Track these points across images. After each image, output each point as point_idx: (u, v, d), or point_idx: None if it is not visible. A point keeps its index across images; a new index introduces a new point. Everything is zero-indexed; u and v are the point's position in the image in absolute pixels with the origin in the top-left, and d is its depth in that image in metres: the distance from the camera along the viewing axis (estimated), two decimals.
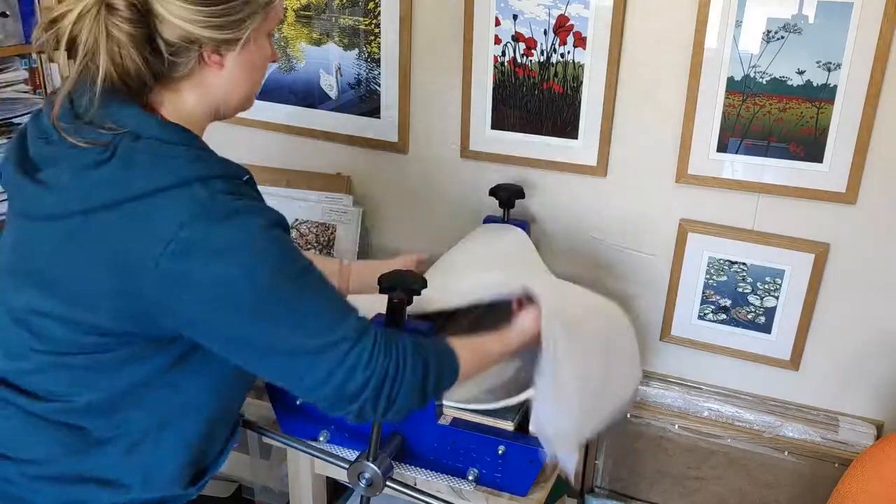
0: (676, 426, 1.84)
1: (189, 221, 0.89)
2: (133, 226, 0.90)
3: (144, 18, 0.92)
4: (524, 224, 1.78)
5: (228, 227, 0.91)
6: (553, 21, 1.70)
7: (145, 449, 1.05)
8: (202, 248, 0.89)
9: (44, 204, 0.94)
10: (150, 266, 0.89)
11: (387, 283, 1.27)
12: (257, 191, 1.04)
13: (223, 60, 0.99)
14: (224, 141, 2.13)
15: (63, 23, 0.91)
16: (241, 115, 2.12)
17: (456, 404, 1.36)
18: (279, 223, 0.97)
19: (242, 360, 0.98)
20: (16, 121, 1.99)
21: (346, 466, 1.30)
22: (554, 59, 1.73)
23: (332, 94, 1.98)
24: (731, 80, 1.61)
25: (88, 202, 0.92)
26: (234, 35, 0.96)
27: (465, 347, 1.12)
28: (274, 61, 1.11)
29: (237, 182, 0.98)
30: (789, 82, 1.57)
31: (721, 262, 1.75)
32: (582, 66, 1.71)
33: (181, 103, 1.01)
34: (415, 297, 1.24)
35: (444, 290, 1.37)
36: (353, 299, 1.03)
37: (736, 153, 1.65)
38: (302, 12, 1.94)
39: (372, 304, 1.22)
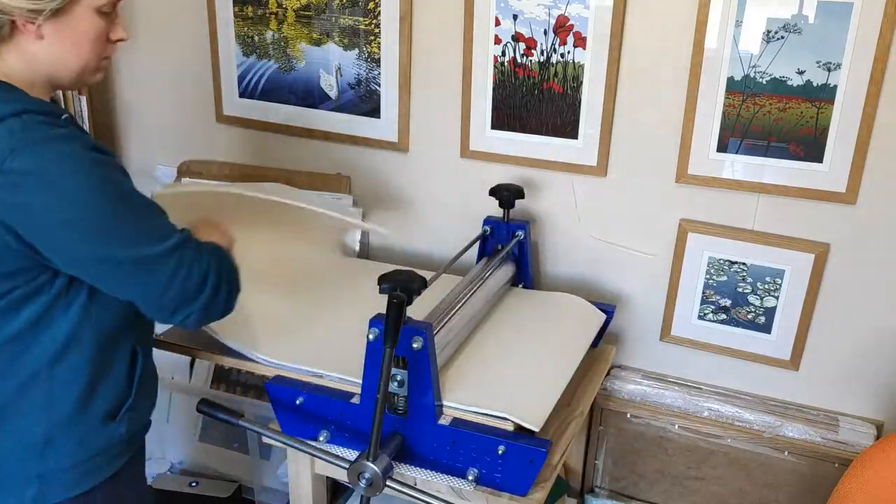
0: (676, 426, 1.84)
1: (10, 154, 0.97)
2: None
3: None
4: (524, 224, 1.78)
5: (50, 152, 0.99)
6: (553, 21, 1.70)
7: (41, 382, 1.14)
8: (31, 176, 0.97)
9: None
10: None
11: (387, 283, 1.27)
12: (78, 126, 1.10)
13: (40, 30, 1.03)
14: (224, 141, 2.14)
15: None
16: (241, 115, 2.14)
17: (456, 405, 1.36)
18: (98, 147, 1.05)
19: (96, 278, 1.08)
20: None
21: (346, 466, 1.30)
22: (554, 59, 1.73)
23: (332, 94, 1.98)
24: (731, 80, 1.61)
25: None
26: (42, 5, 1.00)
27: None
28: (119, 40, 1.14)
29: (54, 117, 1.04)
30: (789, 82, 1.57)
31: (721, 262, 1.75)
32: (582, 66, 1.71)
33: (4, 66, 1.06)
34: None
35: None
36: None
37: (736, 153, 1.65)
38: (302, 12, 1.94)
39: None
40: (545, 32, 1.72)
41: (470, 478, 1.33)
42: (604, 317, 1.73)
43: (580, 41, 1.70)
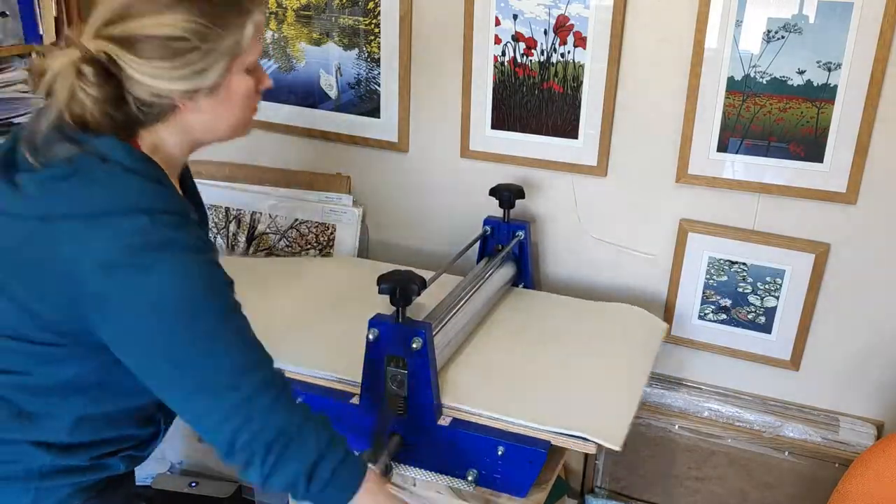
0: (677, 426, 1.84)
1: (128, 245, 0.95)
2: (80, 239, 0.96)
3: (112, 79, 0.97)
4: (524, 224, 1.78)
5: (162, 252, 0.96)
6: (553, 21, 1.70)
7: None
8: (135, 267, 0.94)
9: (12, 204, 1.00)
10: (88, 278, 0.95)
11: (386, 283, 1.27)
12: (204, 229, 1.09)
13: (197, 105, 1.03)
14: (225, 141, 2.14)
15: (45, 77, 0.98)
16: None
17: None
18: (212, 260, 1.01)
19: (153, 381, 1.01)
20: (15, 120, 1.99)
21: None
22: (554, 58, 1.73)
23: (332, 93, 1.98)
24: (731, 80, 1.61)
25: (47, 210, 0.98)
26: (200, 84, 1.00)
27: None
28: (267, 88, 1.13)
29: (183, 218, 1.02)
30: (790, 82, 1.57)
31: (721, 262, 1.75)
32: (582, 66, 1.71)
33: (159, 141, 1.05)
34: None
35: None
36: None
37: (736, 153, 1.65)
38: (302, 12, 1.94)
39: None
40: (545, 32, 1.72)
41: (469, 478, 1.33)
42: (665, 326, 1.69)
43: (580, 41, 1.69)
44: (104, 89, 0.97)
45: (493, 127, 1.83)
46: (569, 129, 1.77)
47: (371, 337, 1.30)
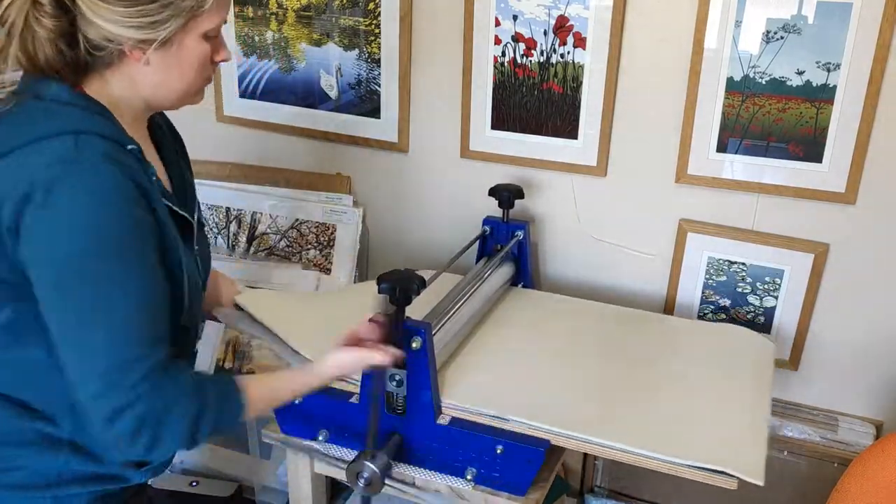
0: None
1: (47, 168, 0.93)
2: (11, 171, 0.95)
3: (68, 14, 0.97)
4: (524, 224, 1.78)
5: (77, 177, 0.93)
6: (553, 21, 1.70)
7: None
8: (47, 194, 0.92)
9: None
10: (12, 208, 0.94)
11: (386, 283, 1.27)
12: (141, 163, 1.03)
13: (146, 57, 1.02)
14: (224, 141, 2.15)
15: (2, 4, 0.98)
16: (241, 115, 2.15)
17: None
18: (131, 201, 0.97)
19: (48, 317, 0.97)
20: None
21: (344, 466, 1.30)
22: (554, 59, 1.73)
23: (333, 94, 1.98)
24: (730, 81, 1.61)
25: None
26: (153, 35, 1.00)
27: (258, 385, 1.10)
28: (223, 61, 1.12)
29: (116, 146, 0.99)
30: (789, 82, 1.57)
31: (720, 262, 1.75)
32: (582, 67, 1.71)
33: (106, 88, 1.05)
34: None
35: None
36: None
37: (735, 153, 1.65)
38: (302, 13, 1.94)
39: None
40: (545, 33, 1.72)
41: (468, 477, 1.33)
42: (772, 346, 1.59)
43: (580, 41, 1.70)
44: (58, 22, 0.97)
45: (493, 127, 1.84)
46: (568, 129, 1.77)
47: None
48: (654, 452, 1.25)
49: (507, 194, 1.76)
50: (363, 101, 1.95)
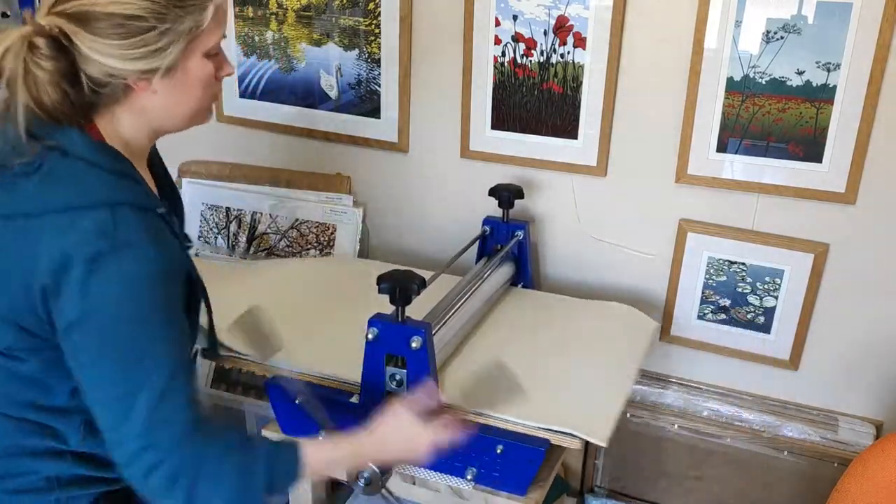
0: (676, 426, 1.84)
1: (87, 243, 0.94)
2: (43, 237, 0.95)
3: (67, 56, 0.96)
4: (524, 224, 1.78)
5: (119, 255, 0.95)
6: (553, 21, 1.70)
7: None
8: (91, 267, 0.94)
9: None
10: (45, 271, 0.95)
11: (386, 283, 1.27)
12: (171, 223, 1.06)
13: (152, 86, 1.01)
14: (224, 141, 2.15)
15: None
16: (241, 115, 2.15)
17: (533, 422, 1.34)
18: (168, 273, 1.00)
19: (82, 380, 0.99)
20: None
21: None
22: (554, 59, 1.73)
23: (333, 94, 1.98)
24: (730, 81, 1.61)
25: (10, 209, 0.98)
26: (156, 64, 0.99)
27: (317, 449, 1.10)
28: (227, 75, 1.12)
29: (148, 213, 1.01)
30: (789, 82, 1.57)
31: (721, 262, 1.75)
32: (582, 67, 1.71)
33: (118, 125, 1.04)
34: None
35: None
36: None
37: (735, 153, 1.65)
38: (302, 12, 1.94)
39: None
40: (545, 33, 1.72)
41: (468, 477, 1.33)
42: (656, 324, 1.70)
43: (580, 41, 1.70)
44: (57, 63, 0.96)
45: (493, 127, 1.84)
46: (568, 129, 1.77)
47: (370, 336, 1.30)
48: (507, 416, 1.30)
49: (507, 194, 1.76)
50: (363, 101, 1.95)
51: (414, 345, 1.28)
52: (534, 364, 1.49)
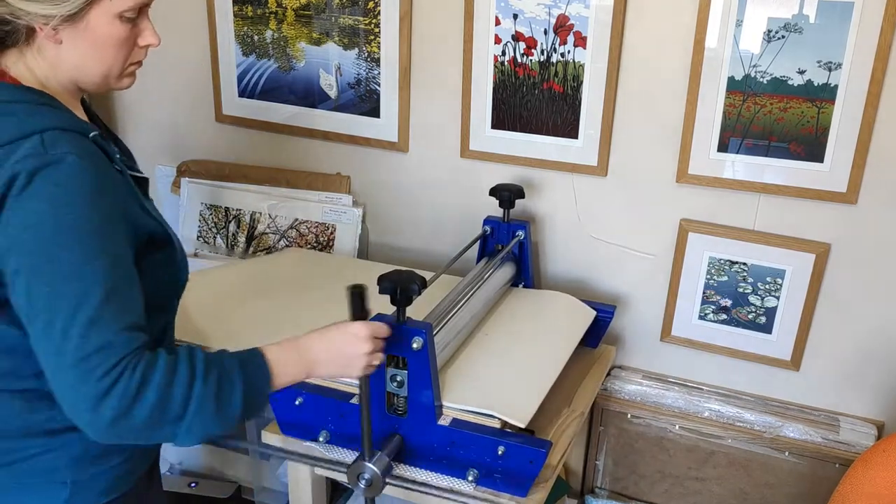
0: (677, 426, 1.84)
1: (20, 166, 0.95)
2: None
3: None
4: (524, 224, 1.78)
5: (48, 170, 0.95)
6: (553, 20, 1.70)
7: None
8: (23, 186, 0.94)
9: None
10: None
11: (386, 283, 1.27)
12: (105, 148, 1.05)
13: (58, 35, 1.02)
14: (223, 141, 2.14)
15: None
16: (240, 114, 2.14)
17: (456, 405, 1.35)
18: (101, 191, 0.98)
19: (20, 296, 0.96)
20: None
21: (344, 469, 1.30)
22: (554, 58, 1.73)
23: (332, 93, 1.98)
24: (731, 80, 1.61)
25: None
26: (54, 10, 0.99)
27: (278, 348, 1.09)
28: (148, 45, 1.12)
29: (77, 134, 1.01)
30: (790, 82, 1.57)
31: (721, 262, 1.74)
32: (582, 66, 1.71)
33: (29, 70, 1.05)
34: None
35: None
36: None
37: (736, 153, 1.65)
38: (302, 12, 1.94)
39: None
40: (545, 32, 1.72)
41: (469, 478, 1.33)
42: (594, 313, 1.73)
43: (580, 41, 1.69)
44: None
45: (493, 127, 1.83)
46: (569, 129, 1.77)
47: None
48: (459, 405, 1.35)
49: (507, 194, 1.75)
50: (363, 100, 1.95)
51: (415, 345, 1.27)
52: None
